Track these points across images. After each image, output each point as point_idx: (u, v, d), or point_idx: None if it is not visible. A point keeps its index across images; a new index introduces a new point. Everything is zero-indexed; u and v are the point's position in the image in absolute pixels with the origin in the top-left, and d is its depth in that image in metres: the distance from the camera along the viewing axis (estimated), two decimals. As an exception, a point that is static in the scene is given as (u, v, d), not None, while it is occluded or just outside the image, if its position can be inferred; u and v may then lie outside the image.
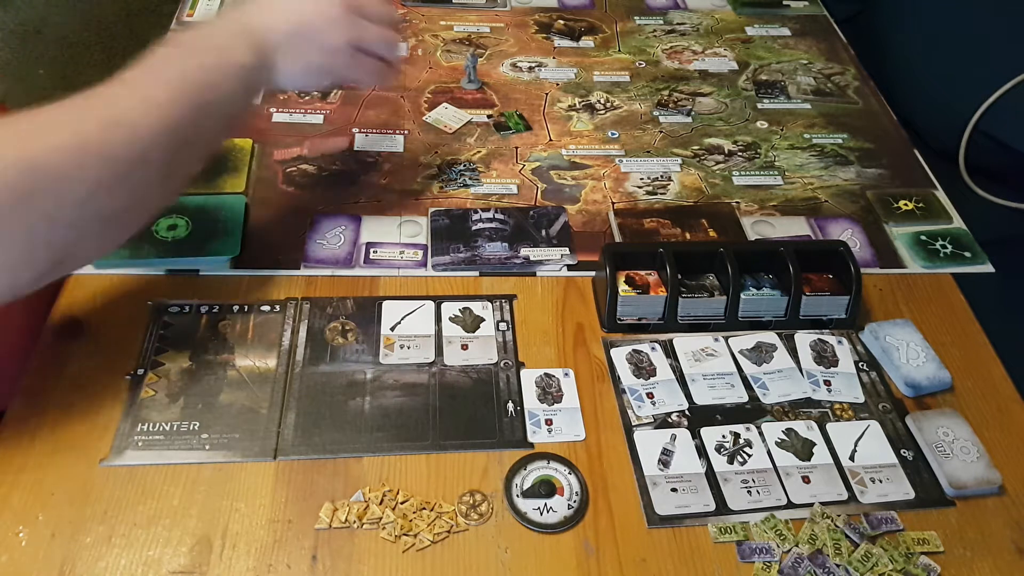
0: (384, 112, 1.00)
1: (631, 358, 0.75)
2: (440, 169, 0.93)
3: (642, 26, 1.18)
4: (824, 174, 0.96)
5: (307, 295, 0.78)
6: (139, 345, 0.72)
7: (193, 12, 1.12)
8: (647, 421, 0.70)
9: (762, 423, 0.71)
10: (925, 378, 0.73)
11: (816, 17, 1.22)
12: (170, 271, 0.79)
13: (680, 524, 0.64)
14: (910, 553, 0.62)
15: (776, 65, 1.12)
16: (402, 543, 0.61)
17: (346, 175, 0.91)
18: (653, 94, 1.06)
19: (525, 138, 0.98)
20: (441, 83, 1.05)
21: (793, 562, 0.61)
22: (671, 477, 0.66)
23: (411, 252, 0.83)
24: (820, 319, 0.78)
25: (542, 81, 1.07)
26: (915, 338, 0.76)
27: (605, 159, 0.96)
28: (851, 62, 1.14)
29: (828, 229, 0.89)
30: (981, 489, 0.67)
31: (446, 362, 0.73)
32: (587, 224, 0.87)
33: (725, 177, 0.95)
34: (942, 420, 0.70)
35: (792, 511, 0.65)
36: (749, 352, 0.76)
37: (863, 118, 1.04)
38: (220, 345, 0.73)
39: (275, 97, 1.00)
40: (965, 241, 0.88)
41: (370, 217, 0.86)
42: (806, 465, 0.68)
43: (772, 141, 1.00)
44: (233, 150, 0.92)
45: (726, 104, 1.05)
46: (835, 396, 0.73)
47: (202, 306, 0.76)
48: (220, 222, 0.83)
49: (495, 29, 1.15)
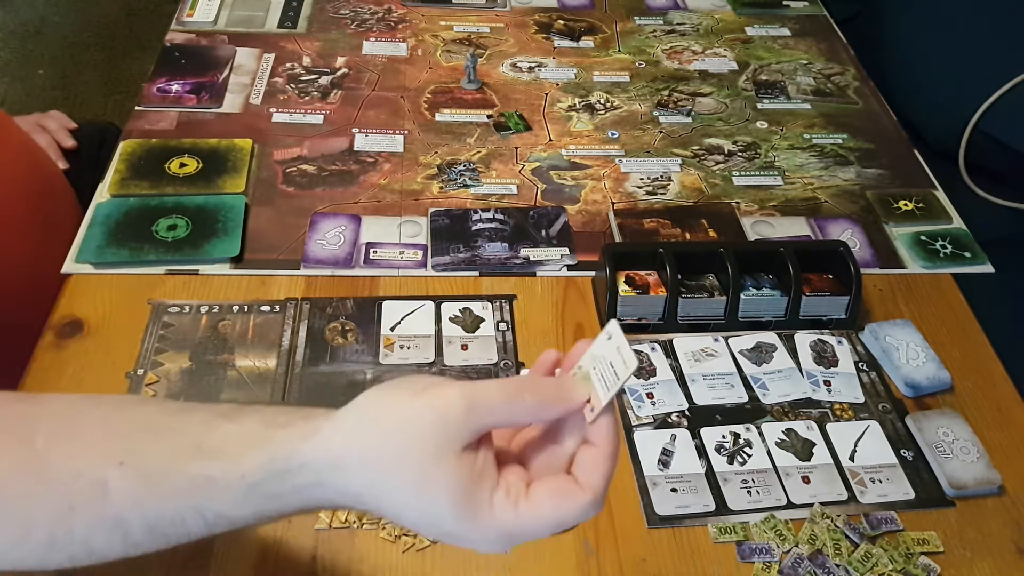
0: (384, 112, 1.00)
1: (631, 358, 0.74)
2: (440, 169, 0.93)
3: (642, 26, 1.18)
4: (824, 174, 0.96)
5: (307, 295, 0.78)
6: (139, 345, 0.72)
7: (193, 12, 1.12)
8: (647, 421, 0.70)
9: (762, 423, 0.71)
10: (925, 378, 0.73)
11: (816, 17, 1.22)
12: (170, 271, 0.79)
13: (680, 524, 0.64)
14: (910, 553, 0.62)
15: (776, 65, 1.12)
16: (402, 543, 0.61)
17: (346, 175, 0.91)
18: (653, 94, 1.06)
19: (525, 138, 0.98)
20: (441, 83, 1.05)
21: (793, 562, 0.61)
22: (671, 477, 0.66)
23: (411, 252, 0.83)
24: (820, 319, 0.78)
25: (542, 81, 1.07)
26: (915, 338, 0.76)
27: (605, 159, 0.96)
28: (851, 62, 1.13)
29: (828, 229, 0.89)
30: (981, 489, 0.67)
31: (446, 362, 0.73)
32: (587, 224, 0.87)
33: (725, 177, 0.95)
34: (942, 420, 0.70)
35: (792, 511, 0.65)
36: (749, 352, 0.76)
37: (863, 118, 1.04)
38: (220, 345, 0.73)
39: (275, 97, 1.00)
40: (965, 241, 0.88)
41: (370, 217, 0.86)
42: (806, 465, 0.68)
43: (772, 141, 1.00)
44: (233, 150, 0.92)
45: (726, 104, 1.05)
46: (835, 396, 0.73)
47: (202, 306, 0.76)
48: (220, 222, 0.83)
49: (495, 29, 1.15)
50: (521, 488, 0.42)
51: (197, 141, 0.93)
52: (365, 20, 1.14)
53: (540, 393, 0.43)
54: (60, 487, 0.42)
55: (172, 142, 0.92)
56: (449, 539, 0.43)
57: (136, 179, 0.88)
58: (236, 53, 1.06)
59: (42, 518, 0.42)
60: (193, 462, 0.42)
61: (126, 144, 0.92)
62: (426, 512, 0.42)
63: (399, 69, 1.06)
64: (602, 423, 0.42)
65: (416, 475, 0.41)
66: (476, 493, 0.41)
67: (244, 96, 1.00)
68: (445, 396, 0.41)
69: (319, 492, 0.42)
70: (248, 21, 1.12)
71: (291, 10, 1.14)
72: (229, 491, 0.42)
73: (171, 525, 0.43)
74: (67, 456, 0.43)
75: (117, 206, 0.84)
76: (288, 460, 0.42)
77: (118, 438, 0.44)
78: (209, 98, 0.99)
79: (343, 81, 1.03)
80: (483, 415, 0.41)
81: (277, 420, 0.43)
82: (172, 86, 1.00)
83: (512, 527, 0.42)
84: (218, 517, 0.43)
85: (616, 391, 0.41)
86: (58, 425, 0.44)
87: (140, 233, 0.81)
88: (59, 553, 0.44)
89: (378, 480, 0.42)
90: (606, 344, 0.43)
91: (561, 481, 0.43)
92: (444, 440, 0.41)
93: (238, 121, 0.96)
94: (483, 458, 0.42)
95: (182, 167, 0.89)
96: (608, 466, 0.42)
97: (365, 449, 0.42)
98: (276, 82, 1.02)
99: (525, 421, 0.44)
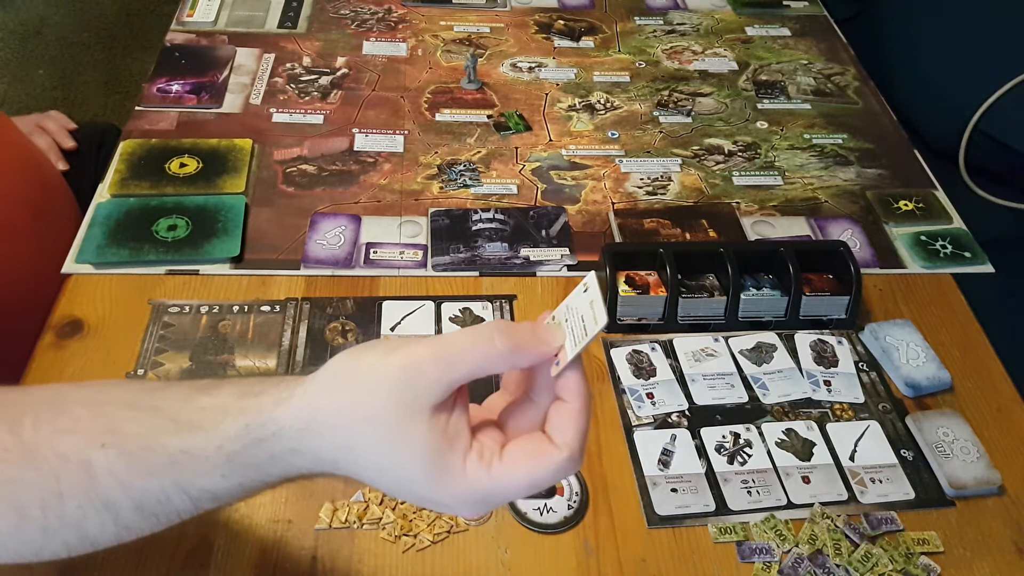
0: (384, 112, 1.00)
1: (631, 358, 0.75)
2: (440, 169, 0.93)
3: (642, 26, 1.18)
4: (824, 174, 0.96)
5: (307, 295, 0.78)
6: (139, 345, 0.72)
7: (193, 12, 1.12)
8: (647, 421, 0.70)
9: (762, 423, 0.71)
10: (925, 378, 0.73)
11: (816, 17, 1.22)
12: (170, 271, 0.79)
13: (680, 524, 0.64)
14: (910, 553, 0.62)
15: (776, 65, 1.12)
16: (402, 543, 0.61)
17: (346, 175, 0.91)
18: (653, 94, 1.06)
19: (525, 138, 0.98)
20: (441, 83, 1.05)
21: (793, 562, 0.61)
22: (671, 477, 0.66)
23: (411, 252, 0.83)
24: (820, 319, 0.78)
25: (542, 81, 1.06)
26: (915, 338, 0.76)
27: (605, 159, 0.96)
28: (851, 62, 1.13)
29: (828, 229, 0.89)
30: (981, 489, 0.67)
31: (446, 362, 0.73)
32: (587, 224, 0.87)
33: (725, 177, 0.95)
34: (942, 420, 0.70)
35: (792, 511, 0.65)
36: (749, 352, 0.76)
37: (863, 118, 1.04)
38: (220, 345, 0.73)
39: (275, 97, 1.00)
40: (965, 241, 0.88)
41: (370, 217, 0.86)
42: (806, 465, 0.68)
43: (772, 141, 1.00)
44: (233, 150, 0.92)
45: (726, 104, 1.05)
46: (835, 396, 0.73)
47: (202, 306, 0.76)
48: (220, 222, 0.83)
49: (495, 29, 1.15)
50: (495, 450, 0.42)
51: (197, 141, 0.93)
52: (365, 20, 1.14)
53: (512, 337, 0.41)
54: (48, 471, 0.42)
55: (172, 142, 0.92)
56: (426, 503, 0.43)
57: (136, 179, 0.88)
58: (236, 53, 1.06)
59: (34, 503, 0.42)
60: (172, 437, 0.42)
61: (126, 144, 0.92)
62: (399, 474, 0.41)
63: (399, 69, 1.06)
64: (570, 377, 0.41)
65: (387, 435, 0.40)
66: (448, 454, 0.40)
67: (244, 96, 1.00)
68: (414, 353, 0.41)
69: (297, 459, 0.42)
70: (248, 21, 1.12)
71: (291, 10, 1.14)
72: (208, 463, 0.42)
73: (157, 503, 0.43)
74: (53, 440, 0.43)
75: (117, 206, 0.84)
76: (263, 428, 0.41)
77: (101, 419, 0.44)
78: (209, 98, 0.99)
79: (343, 81, 1.03)
80: (453, 365, 0.40)
81: (252, 390, 0.43)
82: (172, 86, 1.00)
83: (486, 489, 0.41)
84: (202, 492, 0.43)
85: (583, 347, 0.40)
86: (43, 410, 0.44)
87: (140, 233, 0.81)
88: (54, 540, 0.44)
89: (350, 442, 0.41)
90: (581, 296, 0.42)
91: (534, 440, 0.42)
92: (414, 398, 0.40)
93: (238, 121, 0.96)
94: (456, 419, 0.41)
95: (182, 167, 0.89)
96: (580, 421, 0.41)
97: (336, 411, 0.41)
98: (276, 82, 1.02)
99: (498, 368, 0.42)
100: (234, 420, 0.42)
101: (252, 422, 0.42)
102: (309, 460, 0.42)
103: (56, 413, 0.44)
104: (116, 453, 0.42)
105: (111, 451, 0.42)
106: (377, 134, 0.96)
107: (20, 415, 0.44)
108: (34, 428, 0.43)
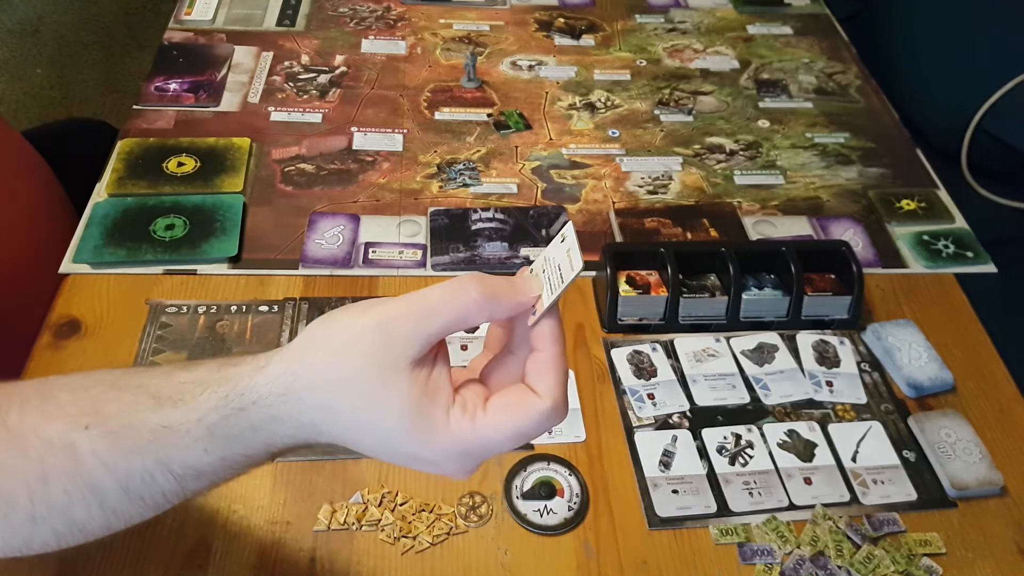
0: (383, 111, 0.99)
1: (632, 359, 0.74)
2: (440, 168, 0.92)
3: (643, 24, 1.17)
4: (826, 173, 0.95)
5: (305, 295, 0.78)
6: (137, 345, 0.72)
7: (191, 10, 1.12)
8: (648, 422, 0.70)
9: (764, 424, 0.70)
10: (927, 379, 0.73)
11: (818, 16, 1.22)
12: (168, 271, 0.79)
13: (681, 526, 0.63)
14: (912, 554, 0.62)
15: (778, 64, 1.12)
16: (401, 545, 0.61)
17: (345, 174, 0.91)
18: (654, 93, 1.05)
19: (525, 137, 0.97)
20: (440, 81, 1.04)
21: (795, 564, 0.61)
22: (672, 478, 0.66)
23: (410, 252, 0.82)
24: (822, 319, 0.78)
25: (542, 80, 1.06)
26: (917, 338, 0.76)
27: (606, 158, 0.95)
28: (853, 61, 1.13)
29: (830, 229, 0.88)
30: (983, 490, 0.66)
31: (446, 362, 0.73)
32: (587, 224, 0.87)
33: (726, 176, 0.94)
34: (944, 421, 0.70)
35: (794, 512, 0.64)
36: (751, 353, 0.76)
37: (865, 117, 1.04)
38: (218, 345, 0.72)
39: (273, 96, 1.00)
40: (967, 241, 0.88)
41: (369, 217, 0.86)
42: (808, 466, 0.67)
43: (774, 140, 1.00)
44: (231, 149, 0.91)
45: (727, 103, 1.05)
46: (837, 397, 0.73)
47: (200, 306, 0.76)
48: (218, 222, 0.83)
49: (495, 27, 1.14)
50: (479, 403, 0.41)
51: (195, 140, 0.92)
52: (364, 18, 1.14)
53: (488, 287, 0.41)
54: (34, 457, 0.42)
55: (170, 141, 0.92)
56: (411, 462, 0.43)
57: (134, 178, 0.87)
58: (234, 51, 1.06)
59: (21, 491, 0.42)
60: (152, 413, 0.42)
61: (124, 143, 0.91)
62: (381, 433, 0.41)
63: (398, 67, 1.06)
64: (544, 326, 0.41)
65: (367, 392, 0.40)
66: (430, 409, 0.40)
67: (242, 95, 0.99)
68: (388, 310, 0.40)
69: (279, 426, 0.42)
70: (246, 19, 1.12)
71: (289, 8, 1.14)
72: (190, 436, 0.42)
73: (143, 483, 0.42)
74: (38, 425, 0.43)
75: (114, 206, 0.84)
76: (242, 397, 0.41)
77: (85, 402, 0.43)
78: (207, 97, 0.98)
79: (342, 80, 1.03)
80: (429, 318, 0.40)
81: (230, 361, 0.43)
82: (170, 85, 1.00)
83: (471, 442, 0.41)
84: (185, 468, 0.42)
85: (559, 293, 0.40)
86: (29, 398, 0.44)
87: (137, 233, 0.81)
88: (42, 529, 0.43)
89: (329, 403, 0.41)
90: (559, 247, 0.42)
91: (517, 391, 0.42)
92: (391, 354, 0.40)
93: (236, 120, 0.96)
94: (437, 374, 0.41)
95: (180, 166, 0.89)
96: (557, 369, 0.42)
97: (313, 373, 0.41)
98: (274, 81, 1.02)
99: (475, 320, 0.41)
100: (213, 391, 0.42)
101: (231, 392, 0.41)
102: (290, 426, 0.42)
103: (42, 400, 0.44)
104: (99, 434, 0.42)
105: (94, 432, 0.42)
106: (376, 133, 0.96)
107: (7, 405, 0.44)
108: (20, 416, 0.43)
